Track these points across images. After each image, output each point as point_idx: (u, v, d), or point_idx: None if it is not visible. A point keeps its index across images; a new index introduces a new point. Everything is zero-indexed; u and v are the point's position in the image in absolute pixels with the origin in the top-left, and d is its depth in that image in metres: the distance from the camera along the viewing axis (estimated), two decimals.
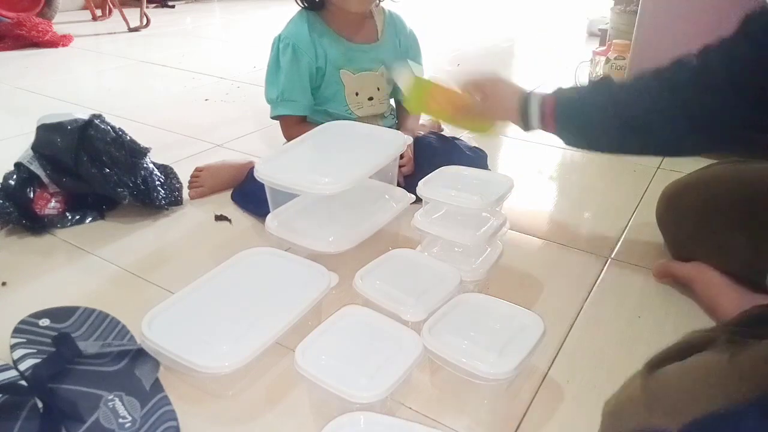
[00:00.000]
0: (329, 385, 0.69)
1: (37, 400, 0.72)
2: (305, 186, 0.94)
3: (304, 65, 1.22)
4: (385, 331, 0.79)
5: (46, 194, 1.20)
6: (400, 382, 0.70)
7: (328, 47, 1.22)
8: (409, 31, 1.35)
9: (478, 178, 1.05)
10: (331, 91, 1.27)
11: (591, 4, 3.21)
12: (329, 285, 0.87)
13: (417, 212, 1.00)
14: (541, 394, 0.79)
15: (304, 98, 1.25)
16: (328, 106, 1.28)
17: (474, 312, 0.83)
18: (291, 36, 1.22)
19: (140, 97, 2.09)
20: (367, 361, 0.73)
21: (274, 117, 1.28)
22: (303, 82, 1.23)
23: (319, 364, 0.72)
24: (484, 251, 1.00)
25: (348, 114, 1.28)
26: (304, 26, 1.22)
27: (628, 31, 1.72)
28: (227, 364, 0.73)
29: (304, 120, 1.29)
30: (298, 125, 1.26)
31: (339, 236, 0.97)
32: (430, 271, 0.92)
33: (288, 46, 1.21)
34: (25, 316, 0.89)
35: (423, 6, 3.89)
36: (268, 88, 1.27)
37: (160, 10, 3.76)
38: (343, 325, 0.80)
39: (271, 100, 1.27)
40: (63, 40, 2.79)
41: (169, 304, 0.83)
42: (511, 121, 0.98)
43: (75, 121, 1.20)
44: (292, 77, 1.22)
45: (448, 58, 2.62)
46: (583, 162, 1.58)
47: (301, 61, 1.21)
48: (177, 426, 0.73)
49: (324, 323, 0.79)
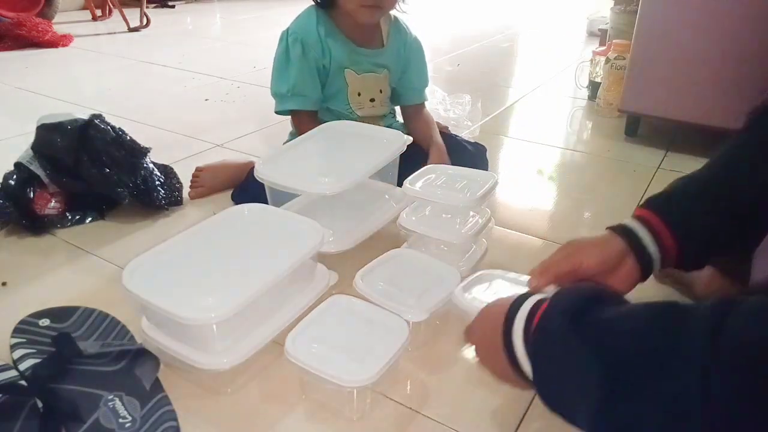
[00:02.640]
0: (320, 370, 0.70)
1: (37, 400, 0.72)
2: (305, 186, 0.94)
3: (312, 60, 1.22)
4: (372, 318, 0.80)
5: (46, 194, 1.20)
6: (389, 366, 0.72)
7: (333, 46, 1.22)
8: (413, 37, 1.34)
9: (462, 175, 1.04)
10: (335, 89, 1.27)
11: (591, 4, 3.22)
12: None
13: (403, 211, 1.01)
14: None
15: (314, 93, 1.24)
16: (330, 103, 1.28)
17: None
18: (299, 31, 1.22)
19: (140, 97, 2.09)
20: (356, 346, 0.75)
21: (282, 111, 1.27)
22: (313, 77, 1.23)
23: (309, 351, 0.74)
24: (469, 249, 1.01)
25: (349, 113, 1.28)
26: (312, 22, 1.22)
27: (628, 31, 1.72)
28: (225, 360, 0.73)
29: (316, 115, 1.28)
30: (312, 120, 1.25)
31: (339, 236, 0.97)
32: (430, 271, 0.92)
33: (297, 41, 1.21)
34: (25, 316, 0.89)
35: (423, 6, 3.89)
36: (276, 82, 1.25)
37: (160, 10, 3.76)
38: (331, 313, 0.81)
39: (279, 94, 1.25)
40: (63, 40, 2.79)
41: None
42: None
43: (75, 121, 1.20)
44: (303, 72, 1.21)
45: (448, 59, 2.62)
46: (583, 162, 1.58)
47: (309, 56, 1.21)
48: (177, 426, 0.73)
49: (313, 312, 0.80)
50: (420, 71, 1.36)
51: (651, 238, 0.70)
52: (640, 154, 1.58)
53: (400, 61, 1.31)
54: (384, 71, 1.29)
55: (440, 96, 1.79)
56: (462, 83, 2.22)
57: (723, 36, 1.40)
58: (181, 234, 0.85)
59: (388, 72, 1.29)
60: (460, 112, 1.74)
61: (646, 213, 0.72)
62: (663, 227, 0.70)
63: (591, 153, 1.64)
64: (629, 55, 1.56)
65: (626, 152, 1.60)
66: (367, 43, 1.26)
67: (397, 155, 1.07)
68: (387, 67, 1.29)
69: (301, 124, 1.27)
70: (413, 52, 1.34)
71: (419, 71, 1.35)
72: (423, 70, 1.37)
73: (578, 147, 1.71)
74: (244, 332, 0.77)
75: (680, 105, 1.52)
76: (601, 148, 1.65)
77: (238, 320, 0.74)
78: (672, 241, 0.70)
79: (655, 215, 0.71)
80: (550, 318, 0.53)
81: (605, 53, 1.86)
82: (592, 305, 0.51)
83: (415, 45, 1.35)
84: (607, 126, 1.80)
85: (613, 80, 1.80)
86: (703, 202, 0.70)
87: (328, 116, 1.27)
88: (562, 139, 1.76)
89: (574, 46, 2.89)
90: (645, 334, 0.45)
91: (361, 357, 0.73)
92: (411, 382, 0.82)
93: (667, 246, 0.70)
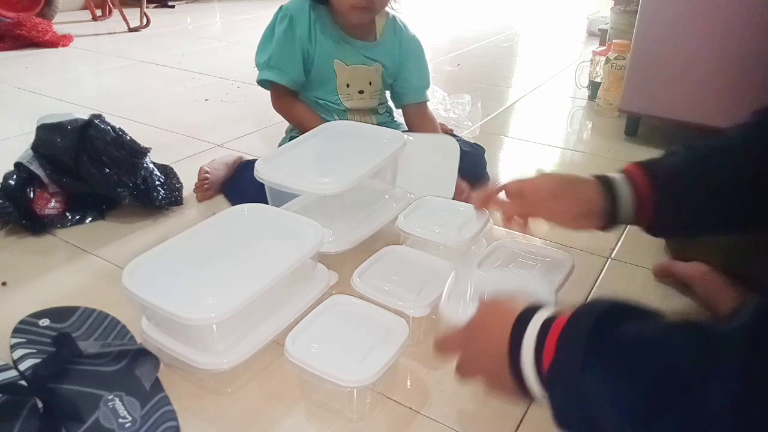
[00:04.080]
0: (320, 370, 0.70)
1: (37, 400, 0.72)
2: (305, 186, 0.94)
3: (297, 39, 1.22)
4: (371, 317, 0.80)
5: (46, 194, 1.20)
6: (388, 366, 0.72)
7: (321, 33, 1.23)
8: (411, 35, 1.34)
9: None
10: (322, 78, 1.27)
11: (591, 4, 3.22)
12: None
13: (401, 213, 1.01)
14: None
15: (292, 71, 1.24)
16: (318, 93, 1.28)
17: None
18: (291, 9, 1.23)
19: (140, 97, 2.09)
20: (356, 346, 0.75)
21: (260, 82, 1.28)
22: (294, 54, 1.23)
23: (309, 351, 0.74)
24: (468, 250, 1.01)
25: (337, 104, 1.28)
26: (306, 5, 1.22)
27: (628, 31, 1.72)
28: (225, 361, 0.73)
29: (296, 96, 1.28)
30: (288, 97, 1.27)
31: (339, 236, 0.97)
32: (425, 266, 0.92)
33: (286, 17, 1.22)
34: (25, 316, 0.89)
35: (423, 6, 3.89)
36: (258, 53, 1.28)
37: (160, 10, 3.76)
38: (331, 313, 0.81)
39: (258, 64, 1.27)
40: (63, 40, 2.79)
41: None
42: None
43: (75, 121, 1.20)
44: (284, 46, 1.22)
45: (448, 59, 2.62)
46: (583, 162, 1.58)
47: (295, 34, 1.22)
48: (177, 426, 0.73)
49: (313, 312, 0.80)
50: (419, 69, 1.35)
51: (625, 180, 0.72)
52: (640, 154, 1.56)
53: (395, 58, 1.31)
54: (375, 64, 1.29)
55: (440, 96, 1.79)
56: (462, 83, 2.22)
57: (723, 36, 1.40)
58: (181, 234, 0.85)
59: (381, 66, 1.29)
60: (460, 112, 1.74)
61: (630, 165, 0.74)
62: (642, 175, 0.71)
63: (591, 153, 1.64)
64: (629, 55, 1.56)
65: (626, 152, 1.60)
66: (359, 35, 1.26)
67: (397, 155, 1.07)
68: (379, 61, 1.29)
69: (276, 99, 1.28)
70: (410, 50, 1.33)
71: (418, 69, 1.35)
72: (422, 69, 1.36)
73: (578, 147, 1.71)
74: (244, 332, 0.77)
75: (680, 105, 1.52)
76: (601, 148, 1.65)
77: (238, 320, 0.74)
78: (648, 190, 0.70)
79: (636, 166, 0.73)
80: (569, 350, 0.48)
81: (605, 53, 1.86)
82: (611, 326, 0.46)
83: (413, 43, 1.34)
84: (607, 126, 1.80)
85: (613, 80, 1.80)
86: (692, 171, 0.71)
87: (317, 109, 1.28)
88: (562, 139, 1.76)
89: (574, 46, 2.89)
90: (677, 369, 0.42)
91: (361, 357, 0.73)
92: (411, 380, 0.82)
93: (642, 193, 0.70)
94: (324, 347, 0.75)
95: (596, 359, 0.45)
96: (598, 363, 0.45)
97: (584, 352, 0.46)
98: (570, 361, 0.47)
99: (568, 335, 0.48)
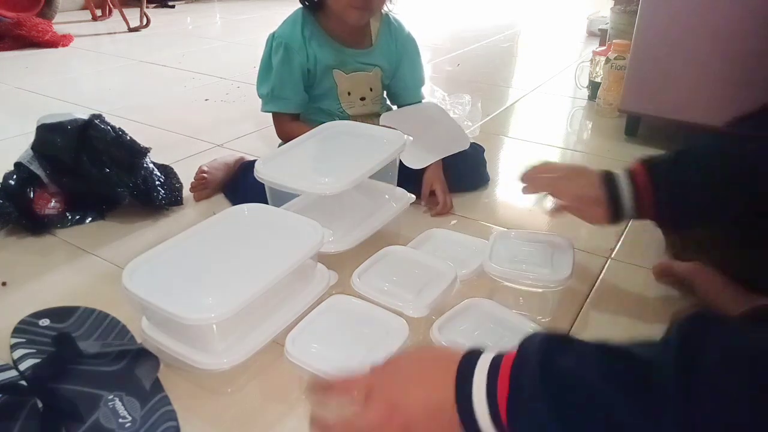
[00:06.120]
0: (320, 370, 0.70)
1: (37, 400, 0.72)
2: (305, 186, 0.94)
3: (296, 65, 1.22)
4: (372, 317, 0.80)
5: (46, 194, 1.20)
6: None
7: (318, 49, 1.23)
8: (407, 34, 1.34)
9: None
10: (324, 89, 1.27)
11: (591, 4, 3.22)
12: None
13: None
14: None
15: (295, 96, 1.26)
16: (322, 103, 1.29)
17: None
18: (284, 36, 1.23)
19: (140, 97, 2.09)
20: (356, 346, 0.75)
21: (265, 111, 1.30)
22: (294, 81, 1.24)
23: (309, 351, 0.74)
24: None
25: (340, 112, 1.29)
26: (297, 27, 1.22)
27: (628, 31, 1.72)
28: (225, 360, 0.73)
29: (297, 117, 1.30)
30: (291, 122, 1.28)
31: (339, 236, 0.97)
32: (424, 267, 0.92)
33: (280, 45, 1.22)
34: (25, 316, 0.89)
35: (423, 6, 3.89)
36: (258, 84, 1.29)
37: (160, 10, 3.76)
38: (331, 313, 0.81)
39: (261, 95, 1.28)
40: (63, 40, 2.79)
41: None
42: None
43: (75, 121, 1.20)
44: (283, 76, 1.23)
45: (448, 59, 2.62)
46: (583, 162, 1.58)
47: (293, 62, 1.22)
48: (177, 426, 0.73)
49: (313, 312, 0.80)
50: (413, 69, 1.35)
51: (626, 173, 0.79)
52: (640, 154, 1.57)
53: (392, 57, 1.31)
54: (374, 69, 1.29)
55: (440, 96, 1.79)
56: (462, 83, 2.22)
57: (723, 36, 1.39)
58: (181, 234, 0.85)
59: (380, 70, 1.29)
60: (460, 112, 1.73)
61: (634, 164, 0.81)
62: (641, 167, 0.79)
63: (591, 153, 1.64)
64: (629, 55, 1.56)
65: (626, 152, 1.60)
66: (354, 43, 1.27)
67: (397, 155, 1.07)
68: (377, 65, 1.29)
69: (280, 125, 1.29)
70: (406, 49, 1.33)
71: (412, 69, 1.35)
72: (417, 68, 1.36)
73: (578, 147, 1.71)
74: (244, 332, 0.77)
75: (680, 105, 1.52)
76: (601, 148, 1.65)
77: (238, 320, 0.74)
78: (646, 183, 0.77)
79: (639, 164, 0.80)
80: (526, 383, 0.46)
81: (605, 53, 1.86)
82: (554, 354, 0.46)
83: (408, 42, 1.34)
84: (607, 126, 1.80)
85: (613, 80, 1.80)
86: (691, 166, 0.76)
87: (320, 115, 1.28)
88: (562, 139, 1.75)
89: (574, 46, 2.89)
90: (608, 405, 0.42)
91: (361, 357, 0.73)
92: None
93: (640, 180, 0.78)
94: (324, 347, 0.75)
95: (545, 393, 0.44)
96: (544, 398, 0.44)
97: (540, 384, 0.45)
98: (531, 393, 0.45)
99: (520, 369, 0.47)
